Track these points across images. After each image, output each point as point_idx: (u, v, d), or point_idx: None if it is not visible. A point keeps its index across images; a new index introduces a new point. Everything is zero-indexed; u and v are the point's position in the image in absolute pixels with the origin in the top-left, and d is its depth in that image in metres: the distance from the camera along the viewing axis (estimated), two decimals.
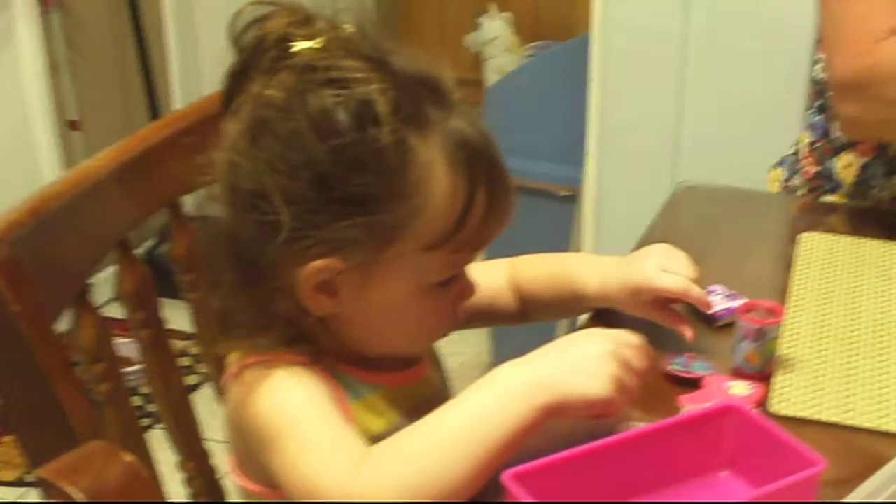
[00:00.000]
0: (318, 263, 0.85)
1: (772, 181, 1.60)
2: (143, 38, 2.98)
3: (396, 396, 0.94)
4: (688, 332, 1.06)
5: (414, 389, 0.97)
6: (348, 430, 0.84)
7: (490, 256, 1.28)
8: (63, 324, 1.01)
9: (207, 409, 1.32)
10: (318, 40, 0.85)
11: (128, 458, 0.63)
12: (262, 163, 0.83)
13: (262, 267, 0.86)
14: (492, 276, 1.12)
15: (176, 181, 1.13)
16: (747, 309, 1.05)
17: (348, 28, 0.88)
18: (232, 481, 0.97)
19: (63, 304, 1.00)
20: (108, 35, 2.97)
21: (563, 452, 0.83)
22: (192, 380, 2.53)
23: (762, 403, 1.01)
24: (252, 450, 0.88)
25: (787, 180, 1.57)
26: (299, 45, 0.85)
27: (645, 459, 0.87)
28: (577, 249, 2.45)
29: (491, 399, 0.82)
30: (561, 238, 2.52)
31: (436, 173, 0.84)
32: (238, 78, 0.87)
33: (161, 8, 3.04)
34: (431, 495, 0.79)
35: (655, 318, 1.08)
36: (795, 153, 1.56)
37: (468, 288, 0.94)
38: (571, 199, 2.54)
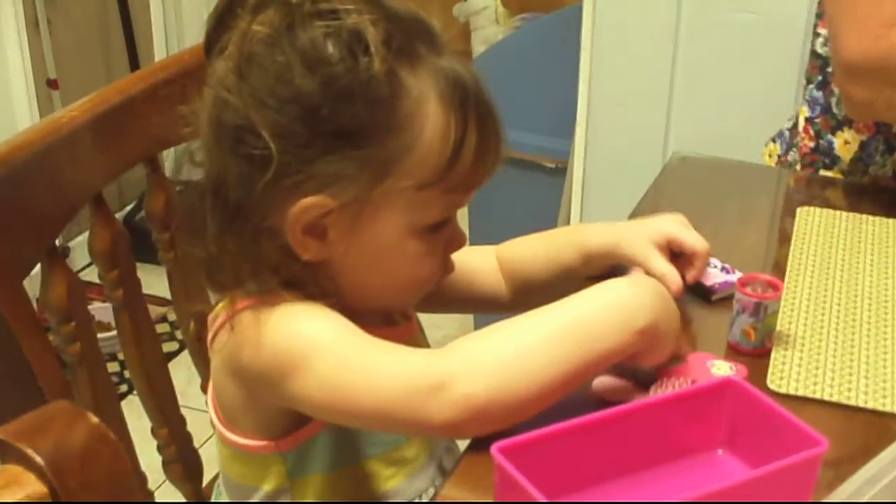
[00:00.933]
0: (307, 201, 0.83)
1: (767, 156, 1.56)
2: None
3: None
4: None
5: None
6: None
7: (477, 227, 1.24)
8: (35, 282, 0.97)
9: (185, 377, 1.29)
10: None
11: (93, 420, 0.59)
12: (249, 97, 0.82)
13: (248, 207, 0.83)
14: (474, 258, 1.09)
15: (154, 135, 1.09)
16: (745, 282, 1.02)
17: None
18: (222, 442, 0.93)
19: (33, 258, 0.95)
20: None
21: (554, 426, 0.80)
22: (171, 346, 2.50)
23: None
24: (254, 394, 0.86)
25: (782, 155, 1.53)
26: None
27: (638, 435, 0.84)
28: (566, 223, 2.42)
29: (597, 312, 0.84)
30: (549, 211, 2.48)
31: (427, 108, 0.83)
32: (223, 17, 0.85)
33: None
34: (527, 386, 0.79)
35: (656, 262, 1.04)
36: (792, 128, 1.53)
37: (458, 236, 0.92)
38: (560, 172, 2.50)
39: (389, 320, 0.97)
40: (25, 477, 0.56)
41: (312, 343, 0.81)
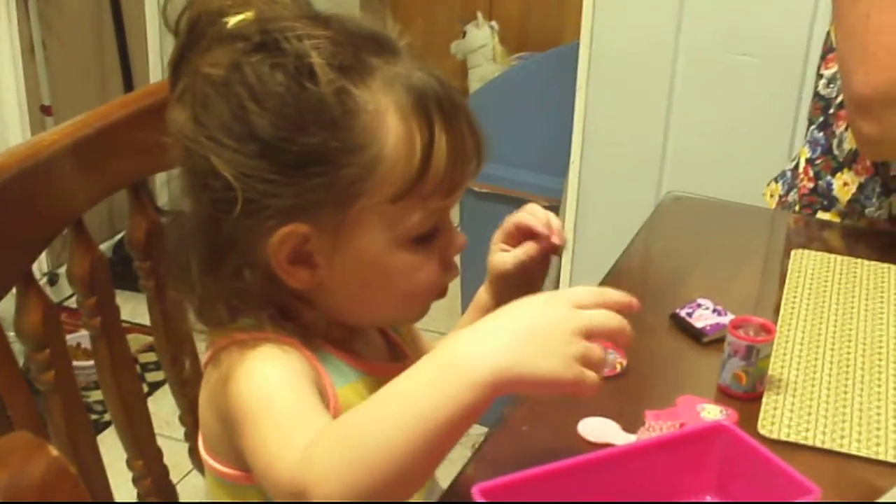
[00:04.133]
0: (283, 231, 0.82)
1: (769, 196, 1.55)
2: (122, 22, 2.91)
3: (381, 387, 0.89)
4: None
5: None
6: (316, 412, 0.80)
7: (468, 264, 1.22)
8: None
9: (171, 407, 1.26)
10: (251, 12, 0.84)
11: (53, 452, 0.56)
12: (208, 141, 0.82)
13: (222, 247, 0.83)
14: None
15: (139, 161, 1.07)
16: (737, 325, 1.00)
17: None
18: (205, 466, 0.92)
19: (7, 283, 0.93)
20: (86, 19, 2.90)
21: (538, 468, 0.77)
22: (157, 376, 2.47)
23: None
24: (228, 432, 0.85)
25: (783, 196, 1.52)
26: (233, 20, 0.83)
27: (624, 480, 0.81)
28: (557, 261, 2.40)
29: (430, 378, 0.74)
30: None
31: (386, 120, 0.82)
32: (178, 66, 0.86)
33: None
34: (376, 477, 0.73)
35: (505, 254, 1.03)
36: (794, 168, 1.51)
37: (456, 240, 0.89)
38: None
39: (396, 356, 0.96)
40: None
41: (258, 405, 0.80)
